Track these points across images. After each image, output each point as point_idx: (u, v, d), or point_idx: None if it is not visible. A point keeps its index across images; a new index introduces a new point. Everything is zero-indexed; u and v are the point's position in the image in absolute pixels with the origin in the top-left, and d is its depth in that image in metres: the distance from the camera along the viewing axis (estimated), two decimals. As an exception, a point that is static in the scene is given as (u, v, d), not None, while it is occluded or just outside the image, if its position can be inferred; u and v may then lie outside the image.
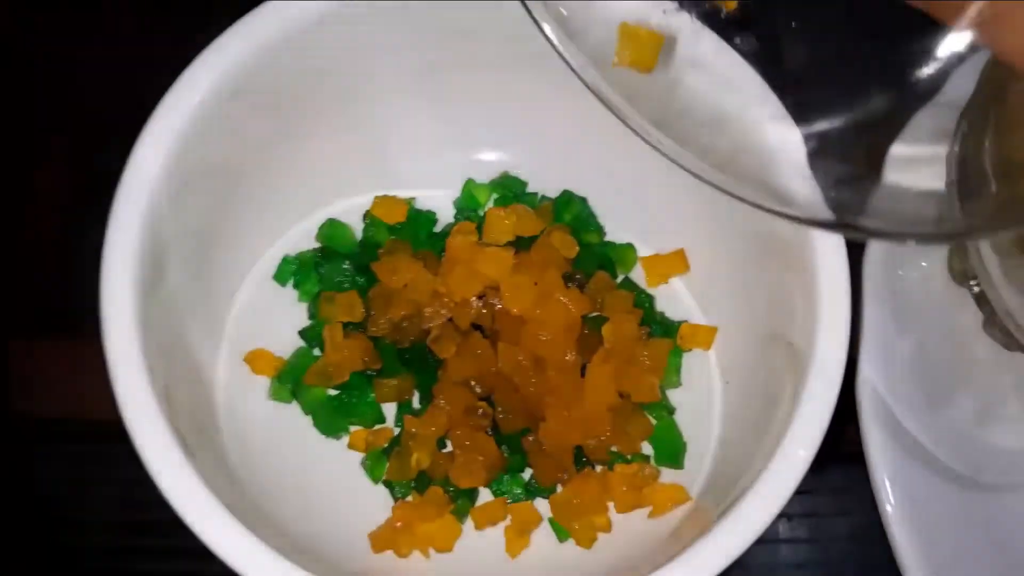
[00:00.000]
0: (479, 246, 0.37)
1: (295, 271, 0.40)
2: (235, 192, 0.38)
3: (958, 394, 0.39)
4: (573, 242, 0.38)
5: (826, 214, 0.27)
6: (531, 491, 0.36)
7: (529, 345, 0.35)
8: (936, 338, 0.40)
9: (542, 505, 0.37)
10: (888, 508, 0.36)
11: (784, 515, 0.39)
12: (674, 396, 0.38)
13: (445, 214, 0.41)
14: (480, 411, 0.36)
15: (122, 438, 0.30)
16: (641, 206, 0.41)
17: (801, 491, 0.35)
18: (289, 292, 0.41)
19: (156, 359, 0.32)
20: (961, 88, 0.28)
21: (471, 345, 0.36)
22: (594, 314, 0.38)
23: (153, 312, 0.32)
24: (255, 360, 0.38)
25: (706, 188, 0.38)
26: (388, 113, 0.40)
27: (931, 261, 0.41)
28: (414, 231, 0.40)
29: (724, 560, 0.29)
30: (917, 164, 0.29)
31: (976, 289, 0.40)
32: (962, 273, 0.40)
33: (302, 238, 0.41)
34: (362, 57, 0.36)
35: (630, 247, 0.40)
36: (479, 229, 0.39)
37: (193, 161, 0.33)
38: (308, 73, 0.36)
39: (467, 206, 0.41)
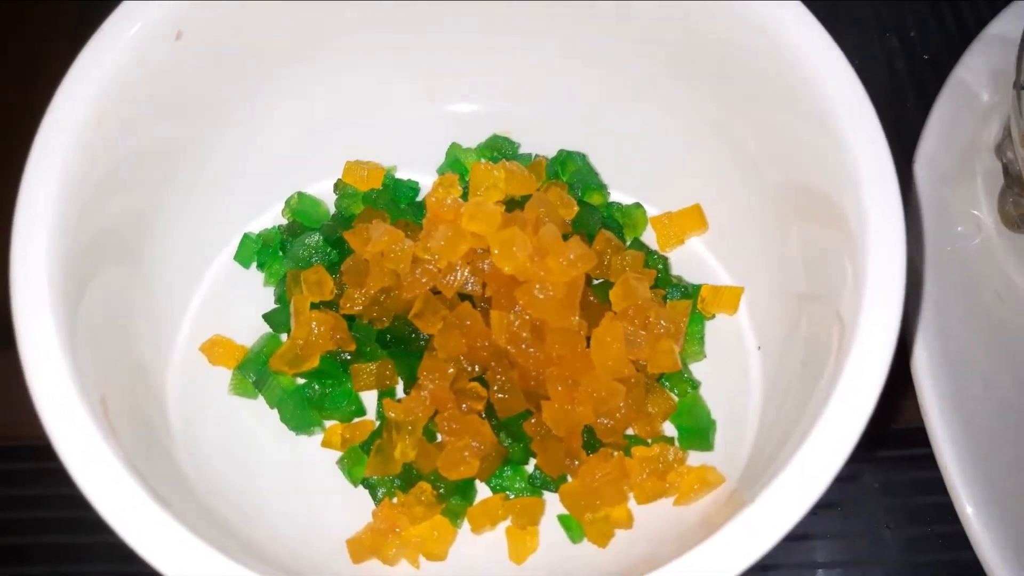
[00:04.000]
0: (464, 202, 0.32)
1: (258, 250, 0.35)
2: (175, 178, 0.33)
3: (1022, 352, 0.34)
4: (571, 200, 0.33)
5: None
6: (536, 484, 0.31)
7: (526, 308, 0.30)
8: (992, 293, 0.35)
9: (551, 502, 0.31)
10: (954, 479, 0.31)
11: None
12: (700, 370, 0.33)
13: (429, 186, 0.36)
14: (472, 392, 0.31)
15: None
16: (647, 162, 0.36)
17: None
18: (254, 278, 0.36)
19: (87, 369, 0.27)
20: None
21: (459, 316, 0.31)
22: (600, 281, 0.33)
23: (80, 319, 0.28)
24: (213, 349, 0.33)
25: (724, 134, 0.34)
26: (353, 72, 0.36)
27: (981, 210, 0.36)
28: (392, 200, 0.36)
29: (758, 548, 0.24)
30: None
31: (1037, 234, 0.35)
32: (1019, 219, 0.35)
33: (269, 224, 0.37)
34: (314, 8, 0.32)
35: (638, 207, 0.36)
36: (464, 190, 0.34)
37: (115, 143, 0.29)
38: (257, 28, 0.31)
39: (453, 172, 0.36)
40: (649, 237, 0.36)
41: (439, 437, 0.31)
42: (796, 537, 0.34)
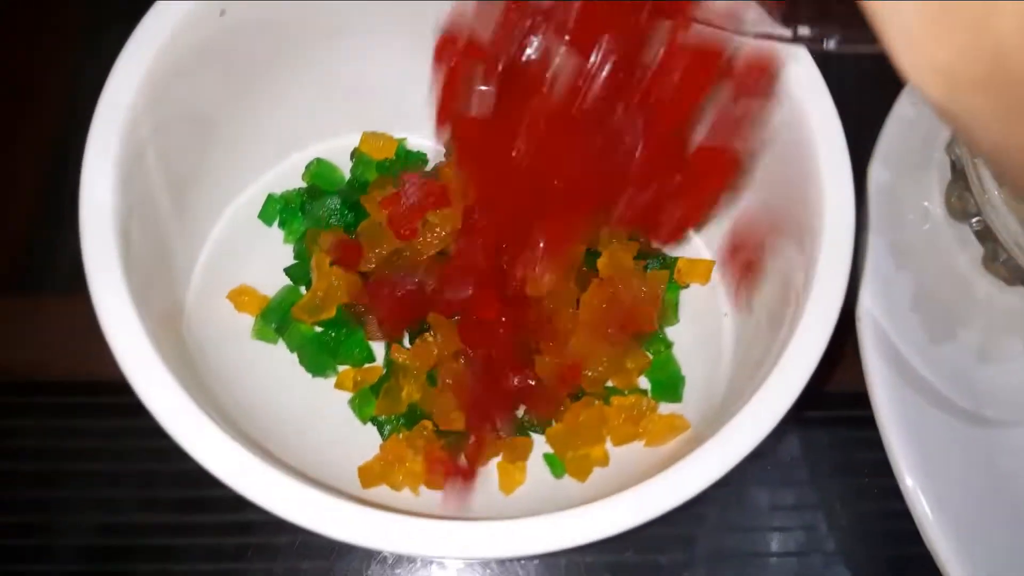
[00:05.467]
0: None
1: (281, 210, 0.39)
2: (215, 131, 0.37)
3: (959, 330, 0.38)
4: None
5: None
6: (526, 426, 0.35)
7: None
8: (935, 275, 0.39)
9: (538, 443, 0.35)
10: (892, 438, 0.35)
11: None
12: (674, 332, 0.38)
13: (437, 156, 0.40)
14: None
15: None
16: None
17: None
18: (274, 233, 0.40)
19: (143, 309, 0.30)
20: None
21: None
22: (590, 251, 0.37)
23: (135, 260, 0.31)
24: (239, 297, 0.37)
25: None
26: (371, 50, 0.39)
27: (931, 201, 0.40)
28: (403, 169, 0.39)
29: (708, 476, 0.28)
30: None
31: (977, 226, 0.39)
32: (962, 211, 0.39)
33: (286, 178, 0.40)
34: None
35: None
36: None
37: (167, 100, 0.33)
38: (287, 8, 0.35)
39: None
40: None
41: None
42: (750, 483, 0.39)
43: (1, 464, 0.38)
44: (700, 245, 0.39)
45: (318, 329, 0.37)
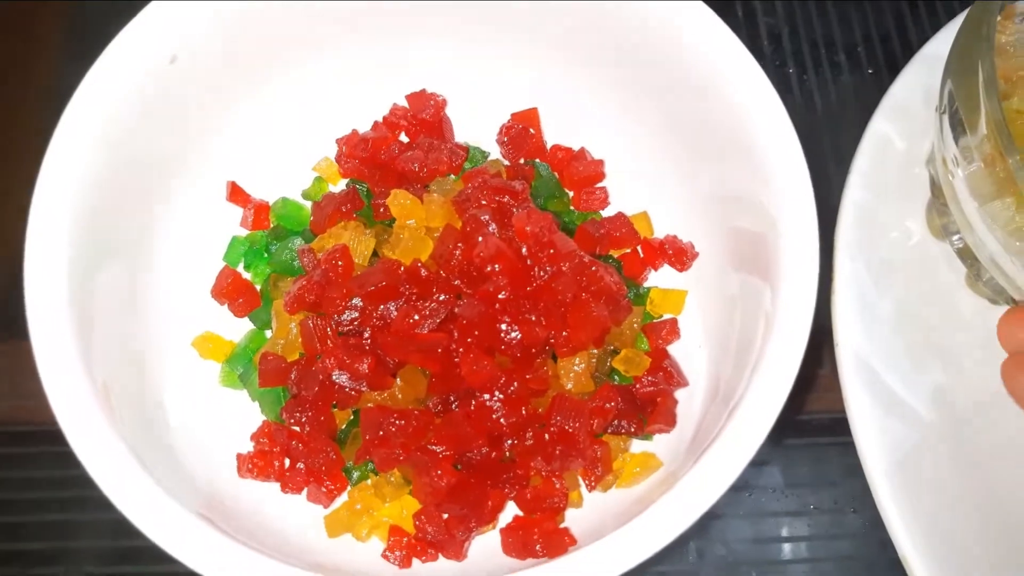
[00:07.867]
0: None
1: (245, 252, 0.38)
2: (169, 185, 0.36)
3: (943, 353, 0.37)
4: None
5: None
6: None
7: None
8: (917, 297, 0.38)
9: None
10: (872, 468, 0.34)
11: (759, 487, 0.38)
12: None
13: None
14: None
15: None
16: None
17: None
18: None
19: (94, 353, 0.30)
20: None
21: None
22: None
23: (88, 301, 0.31)
24: (203, 345, 0.36)
25: (665, 144, 0.37)
26: (329, 85, 0.39)
27: (912, 219, 0.39)
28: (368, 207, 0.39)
29: (686, 518, 0.27)
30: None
31: (959, 244, 0.38)
32: (942, 228, 0.38)
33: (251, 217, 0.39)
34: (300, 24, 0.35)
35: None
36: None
37: (119, 149, 0.32)
38: (237, 49, 0.34)
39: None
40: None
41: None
42: (732, 515, 0.37)
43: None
44: (674, 275, 0.38)
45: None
